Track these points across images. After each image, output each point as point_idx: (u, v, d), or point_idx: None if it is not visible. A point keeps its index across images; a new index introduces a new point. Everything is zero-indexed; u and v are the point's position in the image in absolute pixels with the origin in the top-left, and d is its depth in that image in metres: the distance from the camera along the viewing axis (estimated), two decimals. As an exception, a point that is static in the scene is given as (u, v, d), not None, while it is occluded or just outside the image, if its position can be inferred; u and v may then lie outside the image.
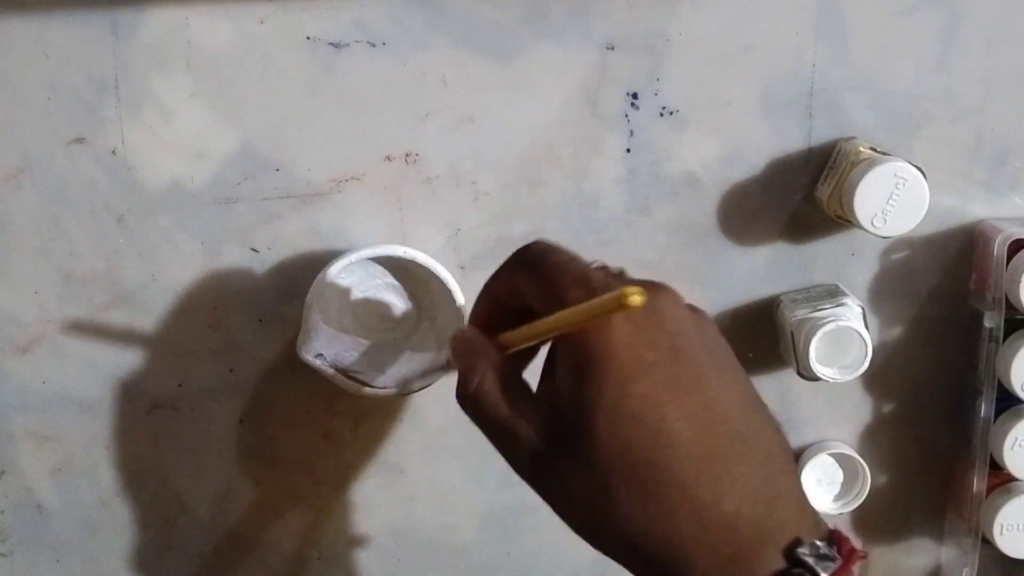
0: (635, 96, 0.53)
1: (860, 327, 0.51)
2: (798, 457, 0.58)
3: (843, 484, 0.58)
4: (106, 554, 0.57)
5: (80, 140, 0.51)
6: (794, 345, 0.53)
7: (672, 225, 0.55)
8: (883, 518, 0.60)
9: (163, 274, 0.53)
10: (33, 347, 0.54)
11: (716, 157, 0.54)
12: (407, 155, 0.53)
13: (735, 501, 0.35)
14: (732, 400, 0.37)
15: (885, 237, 0.51)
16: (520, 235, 0.54)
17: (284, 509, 0.57)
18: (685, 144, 0.54)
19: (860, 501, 0.57)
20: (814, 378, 0.52)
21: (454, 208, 0.54)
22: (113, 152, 0.52)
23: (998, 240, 0.53)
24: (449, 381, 0.54)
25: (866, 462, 0.56)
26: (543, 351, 0.41)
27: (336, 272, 0.51)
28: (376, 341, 0.54)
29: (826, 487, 0.58)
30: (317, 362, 0.51)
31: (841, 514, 0.58)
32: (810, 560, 0.34)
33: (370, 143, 0.53)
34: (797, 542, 0.35)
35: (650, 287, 0.36)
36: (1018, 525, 0.55)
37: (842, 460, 0.57)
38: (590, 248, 0.54)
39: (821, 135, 0.54)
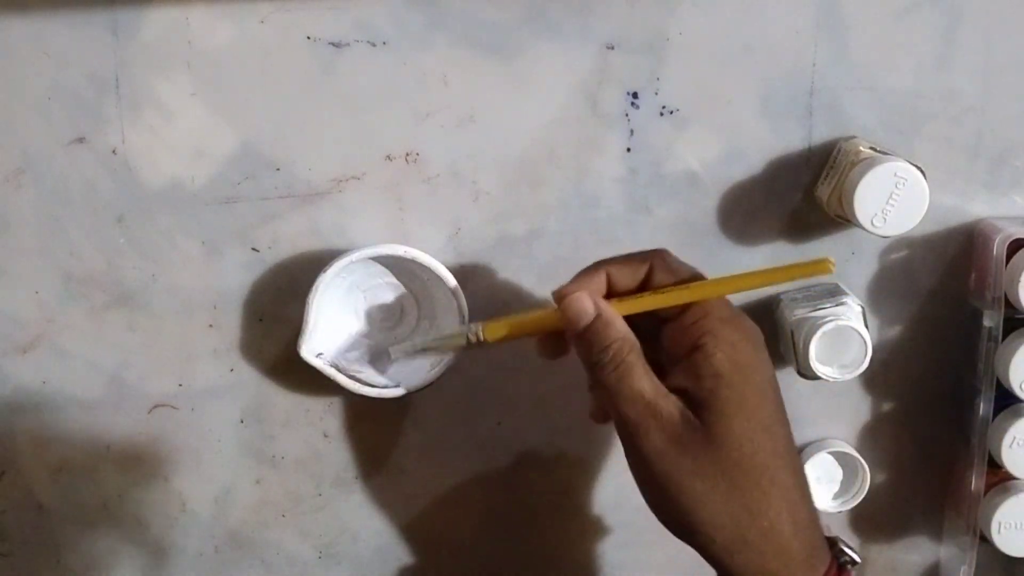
0: (635, 95, 0.53)
1: (860, 326, 0.51)
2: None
3: (843, 482, 0.58)
4: (106, 554, 0.57)
5: (80, 140, 0.51)
6: (794, 344, 0.53)
7: (672, 224, 0.55)
8: (882, 516, 0.60)
9: (163, 274, 0.53)
10: (34, 347, 0.54)
11: (716, 156, 0.54)
12: (407, 154, 0.53)
13: (811, 506, 0.43)
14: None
15: (885, 236, 0.51)
16: (520, 234, 0.54)
17: (284, 509, 0.57)
18: (685, 143, 0.54)
19: (860, 499, 0.57)
20: (814, 377, 0.52)
21: (454, 207, 0.54)
22: (113, 152, 0.52)
23: (998, 239, 0.53)
24: (449, 380, 0.54)
25: (865, 460, 0.56)
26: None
27: (336, 271, 0.51)
28: (376, 340, 0.54)
29: (826, 485, 0.58)
30: (317, 361, 0.51)
31: (840, 512, 0.58)
32: (847, 550, 0.45)
33: (370, 142, 0.53)
34: (833, 539, 0.45)
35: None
36: (1016, 523, 0.55)
37: (842, 458, 0.58)
38: (590, 247, 0.55)
39: (821, 134, 0.54)
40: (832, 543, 0.44)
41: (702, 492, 0.41)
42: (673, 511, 0.42)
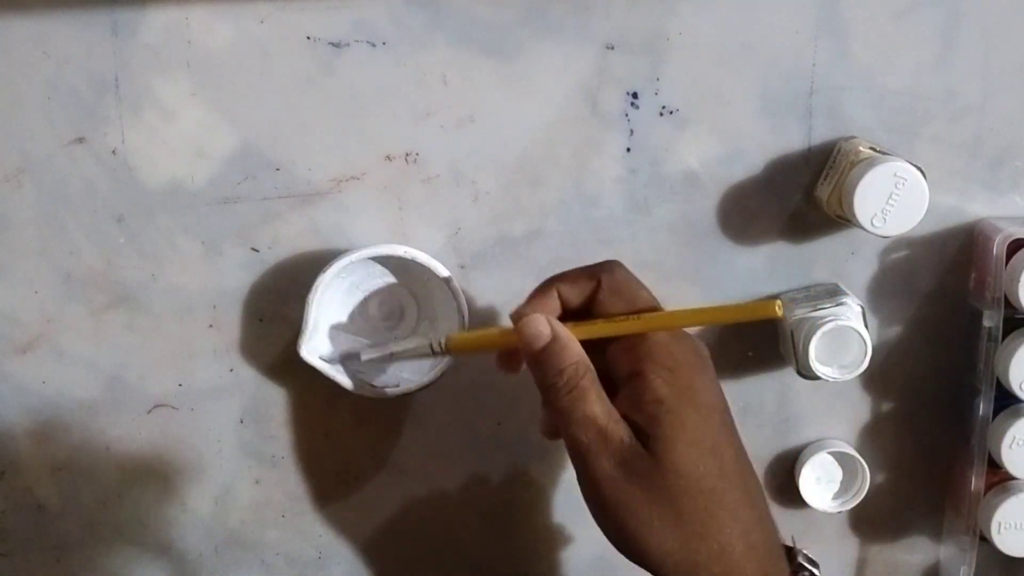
0: (635, 95, 0.53)
1: (860, 326, 0.51)
2: (798, 455, 0.58)
3: (842, 482, 0.58)
4: (106, 554, 0.57)
5: (80, 140, 0.51)
6: (794, 344, 0.53)
7: (672, 224, 0.55)
8: (882, 516, 0.60)
9: (163, 274, 0.53)
10: (33, 347, 0.54)
11: (716, 156, 0.54)
12: (407, 154, 0.53)
13: (767, 524, 0.43)
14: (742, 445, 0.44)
15: (885, 236, 0.51)
16: (520, 234, 0.54)
17: (284, 509, 0.57)
18: (685, 143, 0.54)
19: (859, 499, 0.57)
20: (814, 377, 0.52)
21: (454, 207, 0.54)
22: (113, 152, 0.52)
23: (997, 239, 0.53)
24: (449, 380, 0.54)
25: (865, 460, 0.56)
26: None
27: (336, 271, 0.51)
28: (376, 340, 0.54)
29: (825, 485, 0.58)
30: (317, 361, 0.51)
31: (840, 512, 0.58)
32: (807, 564, 0.45)
33: (370, 143, 0.53)
34: (792, 552, 0.45)
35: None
36: (1016, 523, 0.55)
37: (841, 458, 0.58)
38: (590, 247, 0.55)
39: (821, 134, 0.54)
40: (792, 557, 0.44)
41: (651, 518, 0.41)
42: (623, 535, 0.42)
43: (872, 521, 0.60)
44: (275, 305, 0.54)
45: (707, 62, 0.53)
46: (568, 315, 0.45)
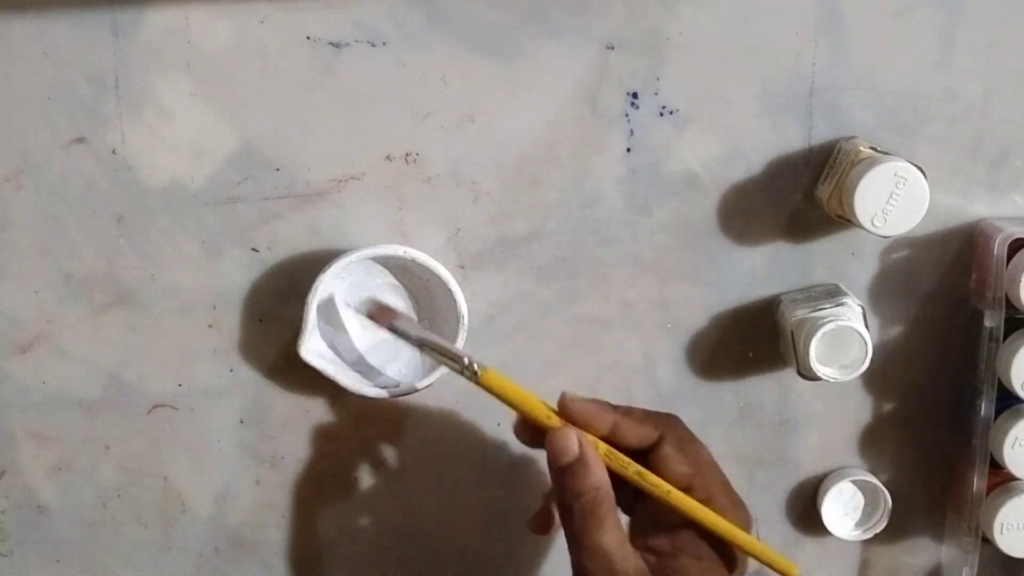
0: (635, 95, 0.53)
1: (860, 327, 0.51)
2: (820, 483, 0.58)
3: (864, 510, 0.58)
4: (106, 554, 0.57)
5: (80, 140, 0.51)
6: (794, 345, 0.53)
7: (672, 224, 0.55)
8: (883, 517, 0.60)
9: (163, 274, 0.53)
10: (33, 347, 0.54)
11: (716, 157, 0.54)
12: (407, 155, 0.53)
13: None
14: None
15: (885, 236, 0.51)
16: (520, 234, 0.54)
17: (284, 509, 0.57)
18: (685, 143, 0.54)
19: (882, 527, 0.57)
20: (814, 378, 0.52)
21: (454, 208, 0.54)
22: (113, 152, 0.52)
23: (998, 239, 0.53)
24: (451, 381, 0.54)
25: (866, 461, 0.56)
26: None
27: (336, 272, 0.51)
28: (376, 341, 0.54)
29: (851, 513, 0.58)
30: (317, 361, 0.51)
31: (862, 541, 0.58)
32: None
33: (370, 143, 0.53)
34: None
35: None
36: (1018, 524, 0.55)
37: (863, 486, 0.57)
38: (590, 247, 0.55)
39: (821, 134, 0.54)
40: None
41: None
42: None
43: (873, 522, 0.60)
44: (275, 305, 0.54)
45: (707, 62, 0.53)
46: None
